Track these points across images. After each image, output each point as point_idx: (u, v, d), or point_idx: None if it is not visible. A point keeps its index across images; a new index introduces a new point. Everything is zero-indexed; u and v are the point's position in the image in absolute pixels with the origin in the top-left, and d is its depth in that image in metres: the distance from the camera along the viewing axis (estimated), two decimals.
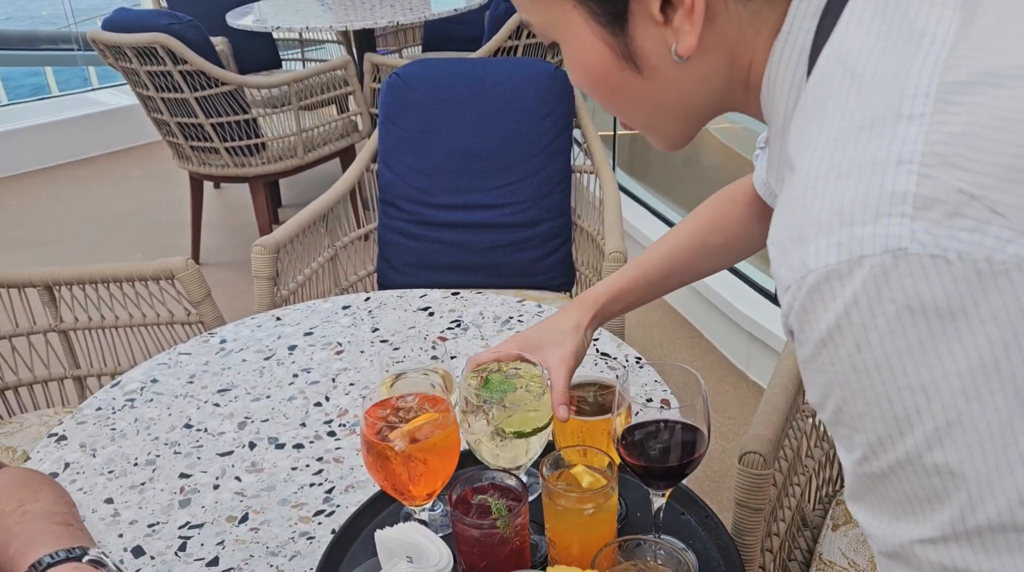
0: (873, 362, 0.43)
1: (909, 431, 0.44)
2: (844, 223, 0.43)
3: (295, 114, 3.16)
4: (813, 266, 0.44)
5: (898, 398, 0.43)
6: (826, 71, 0.50)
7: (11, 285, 1.64)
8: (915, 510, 0.45)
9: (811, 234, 0.45)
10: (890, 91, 0.45)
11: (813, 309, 0.45)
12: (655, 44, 0.56)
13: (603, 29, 0.57)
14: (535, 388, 0.90)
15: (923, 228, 0.41)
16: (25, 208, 4.28)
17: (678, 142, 0.67)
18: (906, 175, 0.43)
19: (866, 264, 0.42)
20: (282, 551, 0.99)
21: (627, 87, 0.60)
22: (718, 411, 2.38)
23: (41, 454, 1.18)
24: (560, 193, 1.97)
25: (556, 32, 0.61)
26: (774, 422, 1.03)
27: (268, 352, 1.40)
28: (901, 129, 0.44)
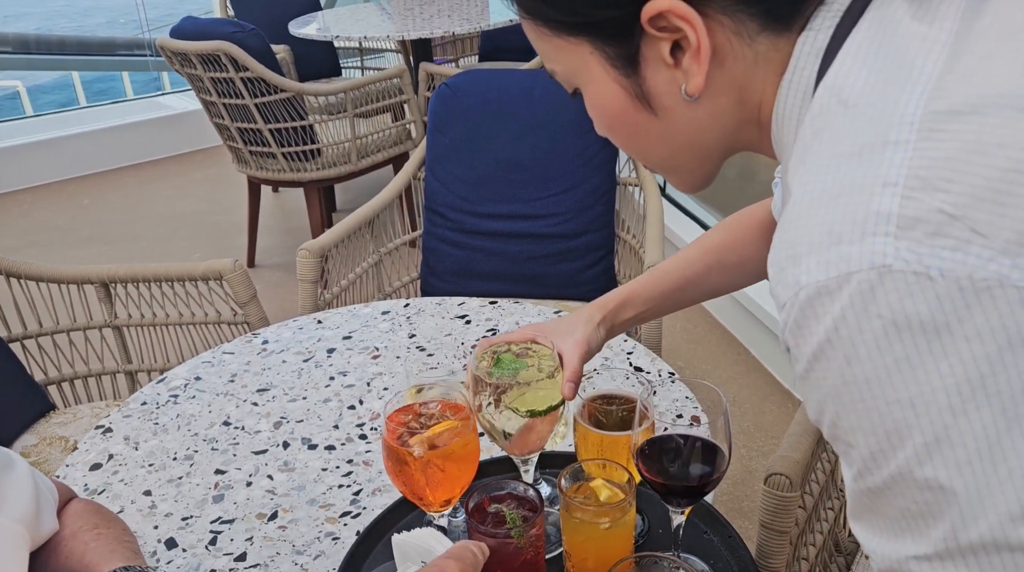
0: (863, 376, 0.45)
1: (900, 446, 0.45)
2: (833, 242, 0.45)
3: (350, 121, 3.22)
4: (804, 283, 0.46)
5: (887, 412, 0.44)
6: (822, 104, 0.52)
7: (70, 281, 1.71)
8: (910, 527, 0.46)
9: (803, 253, 0.47)
10: (879, 120, 0.47)
11: (806, 324, 0.47)
12: (667, 85, 0.59)
13: (618, 72, 0.60)
14: (547, 366, 0.90)
15: (906, 246, 0.43)
16: (96, 207, 4.45)
17: (696, 182, 0.70)
18: (891, 197, 0.44)
19: (853, 280, 0.44)
20: (307, 550, 1.01)
21: (643, 128, 0.63)
22: (761, 430, 2.35)
23: (87, 445, 1.22)
24: (603, 205, 1.97)
25: (577, 78, 0.64)
26: (804, 444, 1.01)
27: (307, 354, 1.43)
28: (887, 154, 0.46)
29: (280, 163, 3.22)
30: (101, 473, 1.16)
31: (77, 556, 0.77)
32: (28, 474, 0.78)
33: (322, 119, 3.27)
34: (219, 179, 4.71)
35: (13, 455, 0.78)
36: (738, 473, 2.19)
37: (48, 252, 3.88)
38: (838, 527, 1.25)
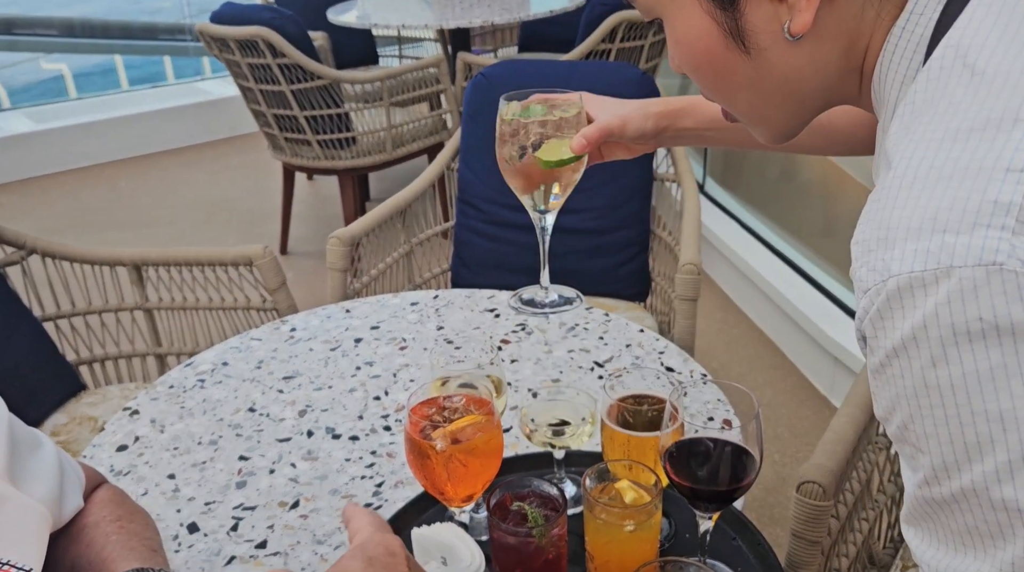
0: (948, 381, 0.41)
1: (979, 460, 0.41)
2: (936, 229, 0.41)
3: (386, 110, 3.22)
4: (896, 271, 0.42)
5: (971, 423, 0.41)
6: (943, 65, 0.46)
7: (103, 263, 1.72)
8: (975, 545, 0.43)
9: (899, 237, 0.42)
10: (1010, 93, 0.42)
11: (890, 316, 0.42)
12: (767, 22, 0.53)
13: (712, 3, 0.55)
14: (573, 116, 0.89)
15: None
16: (133, 190, 4.51)
17: (782, 134, 0.63)
18: (1014, 185, 0.40)
19: (955, 275, 0.40)
20: (328, 540, 1.00)
21: (732, 69, 0.57)
22: (796, 436, 2.30)
23: (115, 426, 1.23)
24: (639, 201, 1.93)
25: (661, 8, 0.58)
26: (839, 452, 0.98)
27: (335, 343, 1.42)
28: (1017, 134, 0.41)
29: (315, 150, 3.22)
30: (127, 455, 1.16)
31: (97, 547, 0.77)
32: (55, 455, 0.77)
33: (358, 107, 3.27)
34: (255, 166, 4.74)
35: (41, 436, 0.78)
36: (771, 479, 2.14)
37: (84, 234, 3.94)
38: (872, 539, 1.21)
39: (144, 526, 0.83)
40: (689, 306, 1.60)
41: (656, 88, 1.95)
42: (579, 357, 1.34)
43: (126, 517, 0.82)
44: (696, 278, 1.59)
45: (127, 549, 0.76)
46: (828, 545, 1.02)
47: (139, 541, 0.79)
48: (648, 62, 3.35)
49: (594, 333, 1.41)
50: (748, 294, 2.91)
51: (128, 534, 0.79)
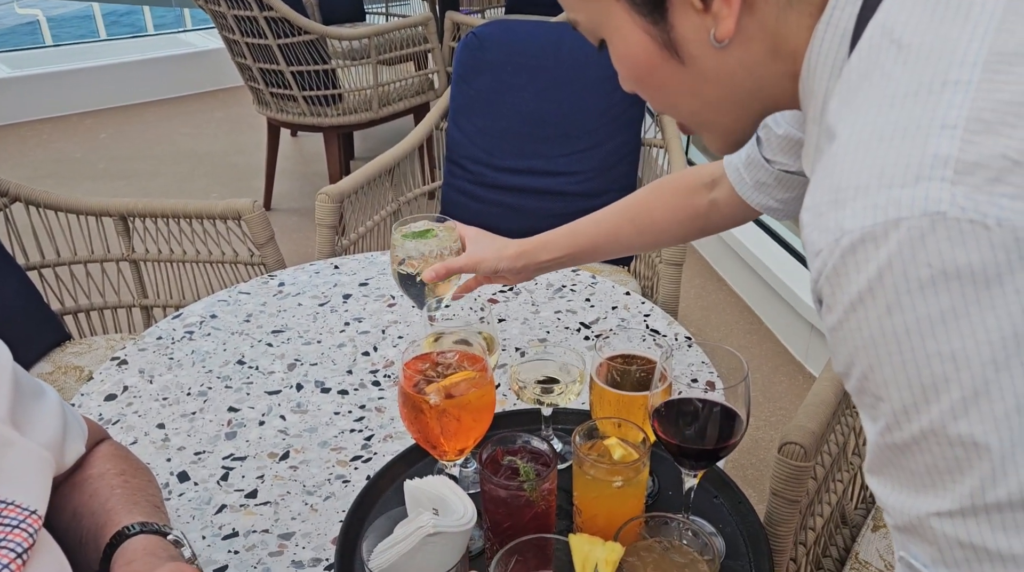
0: (903, 327, 0.43)
1: (935, 400, 0.43)
2: (883, 185, 0.43)
3: (373, 68, 3.18)
4: (849, 228, 0.44)
5: (926, 365, 0.43)
6: (871, 44, 0.50)
7: (89, 212, 1.70)
8: (935, 483, 0.45)
9: (848, 197, 0.44)
10: (937, 59, 0.45)
11: (845, 272, 0.44)
12: (695, 32, 0.57)
13: (644, 19, 0.58)
14: (448, 243, 1.15)
15: (963, 193, 0.41)
16: (114, 141, 4.44)
17: (730, 141, 0.67)
18: (949, 139, 0.42)
19: (903, 226, 0.42)
20: (318, 491, 1.01)
21: (672, 79, 0.61)
22: (771, 400, 2.34)
23: (103, 376, 1.23)
24: (627, 165, 1.94)
25: (601, 29, 0.62)
26: (819, 414, 1.01)
27: (323, 298, 1.42)
28: (947, 95, 0.43)
29: (301, 107, 3.19)
30: (116, 404, 1.17)
31: (101, 499, 0.78)
32: (57, 403, 0.78)
33: (345, 64, 3.22)
34: (239, 120, 4.68)
35: (44, 385, 0.79)
36: (745, 442, 2.19)
37: (64, 183, 3.88)
38: (846, 499, 1.25)
39: (147, 482, 0.84)
40: (674, 270, 1.62)
41: None
42: (566, 318, 1.36)
43: (130, 472, 0.83)
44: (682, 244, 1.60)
45: (131, 503, 0.77)
46: (805, 504, 1.05)
47: (143, 496, 0.80)
48: None
49: (581, 295, 1.42)
50: (727, 260, 2.94)
51: (132, 489, 0.80)
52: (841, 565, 1.18)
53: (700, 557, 0.79)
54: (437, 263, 1.10)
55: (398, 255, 1.14)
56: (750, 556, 0.90)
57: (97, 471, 0.81)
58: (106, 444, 0.86)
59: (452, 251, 1.14)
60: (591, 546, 0.76)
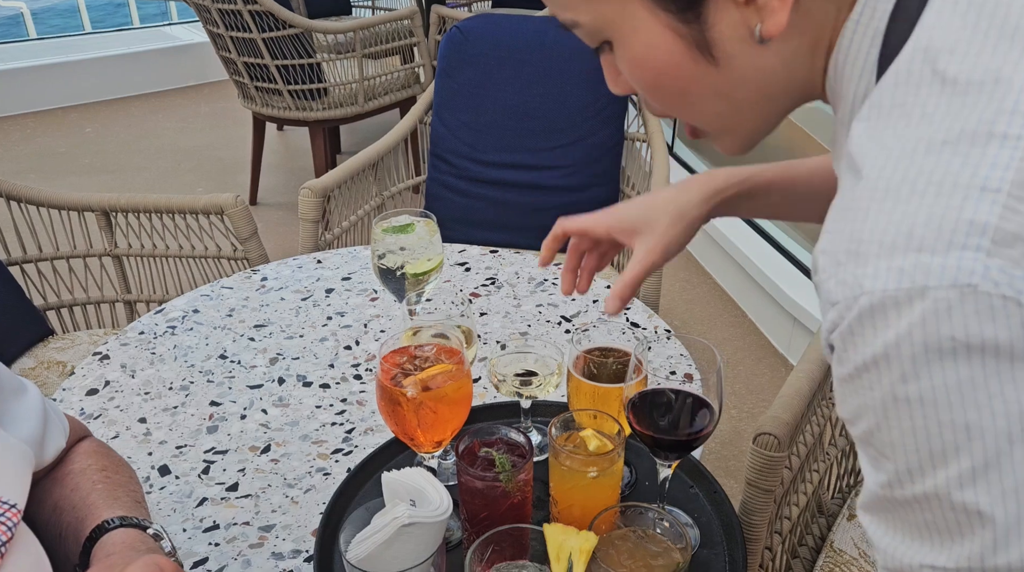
0: (917, 395, 0.41)
1: (943, 466, 0.42)
2: (911, 248, 0.40)
3: (358, 61, 3.18)
4: (869, 288, 0.41)
5: (937, 433, 0.41)
6: (911, 69, 0.45)
7: (71, 207, 1.70)
8: (933, 538, 0.44)
9: (871, 253, 0.41)
10: (986, 104, 0.41)
11: (861, 332, 0.42)
12: (734, 28, 0.51)
13: (673, 17, 0.51)
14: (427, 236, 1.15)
15: (999, 266, 0.38)
16: (99, 135, 4.41)
17: (749, 143, 0.61)
18: (990, 205, 0.39)
19: (929, 297, 0.39)
20: (298, 483, 1.02)
21: (699, 82, 0.54)
22: (753, 392, 2.36)
23: (84, 371, 1.23)
24: (610, 159, 1.95)
25: (612, 29, 0.54)
26: (794, 406, 1.02)
27: (306, 293, 1.43)
28: (992, 150, 0.40)
29: (286, 101, 3.18)
30: (97, 399, 1.17)
31: (82, 493, 0.79)
32: (39, 400, 0.79)
33: (330, 58, 3.22)
34: (224, 114, 4.66)
35: (26, 382, 0.80)
36: (727, 433, 2.21)
37: (49, 178, 3.86)
38: (822, 489, 1.27)
39: (128, 479, 0.84)
40: None
41: None
42: (547, 311, 1.37)
43: (111, 468, 0.83)
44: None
45: (112, 498, 0.78)
46: (780, 494, 1.07)
47: (124, 492, 0.81)
48: None
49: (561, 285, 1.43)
50: (711, 254, 2.96)
51: (113, 484, 0.81)
52: (817, 554, 1.20)
53: (674, 546, 0.80)
54: (617, 284, 0.85)
55: (378, 249, 1.15)
56: (724, 545, 0.91)
57: (79, 466, 0.82)
58: (88, 441, 0.87)
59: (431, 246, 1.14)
60: (565, 535, 0.77)
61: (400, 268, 1.14)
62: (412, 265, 1.14)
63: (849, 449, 1.32)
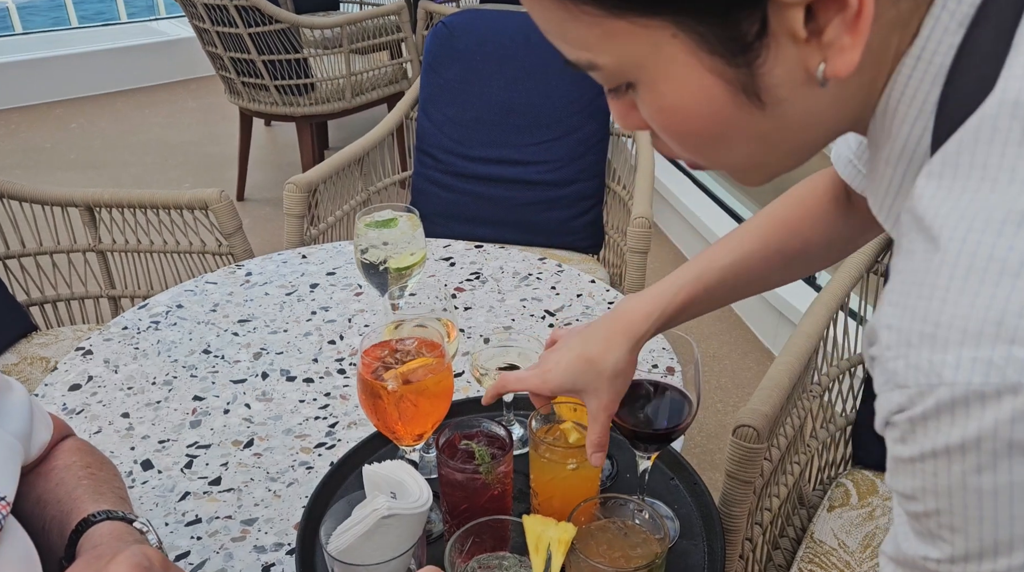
0: (991, 487, 0.38)
1: (1006, 555, 0.39)
2: (1001, 338, 0.36)
3: (346, 57, 3.17)
4: (951, 380, 0.37)
5: (1007, 524, 0.39)
6: (996, 126, 0.40)
7: (54, 203, 1.69)
8: None
9: (953, 339, 0.37)
10: None
11: (937, 421, 0.39)
12: (791, 70, 0.44)
13: (718, 59, 0.44)
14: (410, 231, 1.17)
15: None
16: (85, 131, 4.39)
17: (771, 177, 0.54)
18: None
19: (1022, 394, 0.36)
20: (281, 477, 1.03)
21: (739, 128, 0.47)
22: (739, 386, 2.38)
23: (67, 366, 1.23)
24: (596, 154, 1.95)
25: (639, 73, 0.46)
26: (773, 398, 1.03)
27: (290, 288, 1.43)
28: None
29: (273, 96, 3.17)
30: (80, 394, 1.17)
31: (67, 487, 0.79)
32: (25, 397, 0.80)
33: (317, 53, 3.21)
34: (211, 110, 4.64)
35: (12, 381, 0.80)
36: (712, 427, 2.22)
37: (33, 174, 3.84)
38: (803, 481, 1.28)
39: (113, 476, 0.85)
40: (640, 258, 1.64)
41: None
42: (531, 306, 1.37)
43: (96, 465, 0.84)
44: (647, 231, 1.63)
45: (97, 493, 0.79)
46: (760, 486, 1.08)
47: (108, 488, 0.81)
48: None
49: (547, 283, 1.44)
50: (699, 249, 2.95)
51: (98, 480, 0.81)
52: (797, 544, 1.21)
53: (652, 537, 0.81)
54: (590, 445, 0.81)
55: (361, 244, 1.15)
56: (704, 536, 0.92)
57: (63, 462, 0.83)
58: (72, 439, 0.88)
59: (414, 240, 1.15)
60: (544, 527, 0.78)
61: (383, 263, 1.14)
62: (395, 260, 1.14)
63: (831, 441, 1.33)
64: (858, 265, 1.30)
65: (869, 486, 1.27)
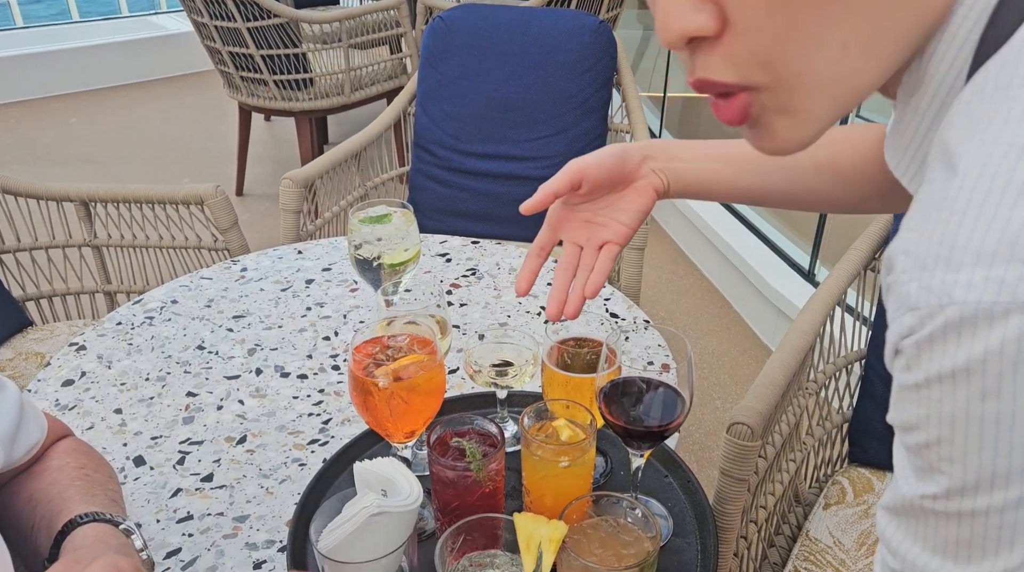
0: (994, 414, 0.38)
1: (1004, 487, 0.39)
2: (1015, 258, 0.36)
3: (345, 51, 3.16)
4: (960, 299, 0.37)
5: (1007, 454, 0.39)
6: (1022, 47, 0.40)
7: (50, 198, 1.69)
8: (960, 553, 0.42)
9: (966, 260, 0.38)
10: None
11: (943, 342, 0.39)
12: None
13: None
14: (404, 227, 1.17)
15: None
16: (84, 126, 4.38)
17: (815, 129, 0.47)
18: None
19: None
20: (274, 474, 1.02)
21: None
22: (737, 383, 2.37)
23: (60, 361, 1.23)
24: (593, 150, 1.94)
25: None
26: (768, 396, 1.03)
27: (286, 283, 1.43)
28: None
29: (272, 91, 3.16)
30: (72, 390, 1.17)
31: (60, 487, 0.79)
32: (16, 397, 0.79)
33: (316, 48, 3.20)
34: (211, 105, 4.63)
35: (4, 380, 0.79)
36: (710, 423, 2.22)
37: (32, 169, 3.83)
38: (799, 479, 1.27)
39: (108, 478, 0.84)
40: (636, 255, 1.64)
41: (613, 39, 1.95)
42: (527, 302, 1.37)
43: (91, 467, 0.84)
44: (644, 227, 1.62)
45: (89, 495, 0.78)
46: (755, 483, 1.07)
47: (101, 490, 0.81)
48: (609, 11, 3.34)
49: (543, 279, 1.43)
50: (698, 246, 2.96)
51: (91, 482, 0.81)
52: (792, 542, 1.21)
53: (644, 535, 0.80)
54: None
55: (355, 239, 1.14)
56: (697, 534, 0.92)
57: (58, 463, 0.82)
58: (69, 440, 0.88)
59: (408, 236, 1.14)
60: (535, 525, 0.77)
61: (377, 258, 1.13)
62: (389, 255, 1.14)
63: (827, 439, 1.33)
64: (855, 262, 1.30)
65: (865, 484, 1.27)
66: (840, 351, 1.34)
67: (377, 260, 1.13)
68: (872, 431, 1.28)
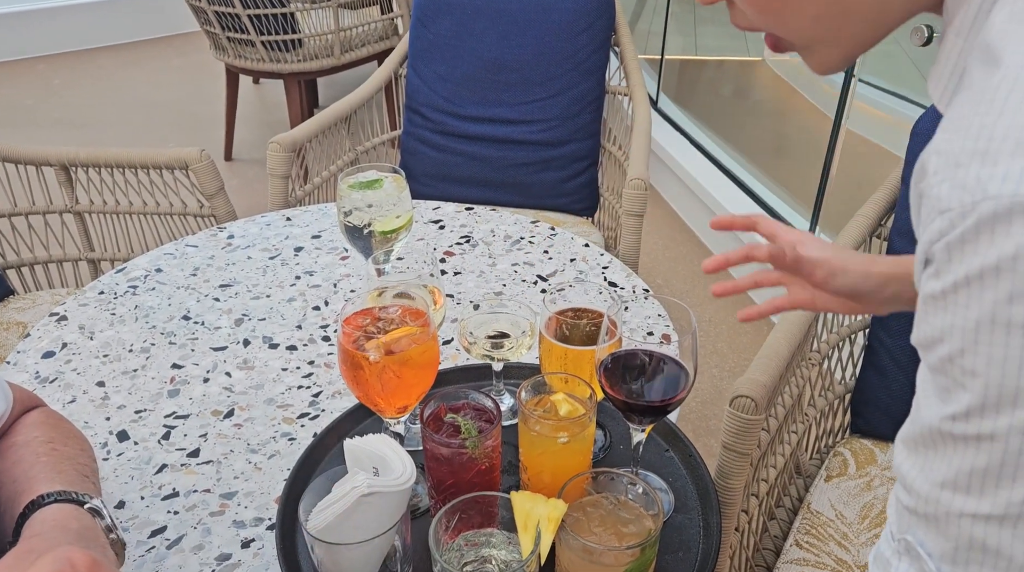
0: (1020, 320, 0.36)
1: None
2: None
3: (334, 11, 3.07)
4: (995, 193, 0.35)
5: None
6: None
7: (27, 162, 1.63)
8: (978, 486, 0.40)
9: (1005, 151, 0.35)
10: None
11: (975, 241, 0.36)
12: None
13: None
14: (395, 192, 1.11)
15: None
16: (67, 88, 4.28)
17: (847, 59, 0.53)
18: None
19: None
20: (262, 449, 0.99)
21: None
22: (735, 351, 2.35)
23: (40, 332, 1.19)
24: (591, 113, 1.89)
25: None
26: (771, 367, 1.00)
27: (274, 251, 1.38)
28: None
29: (259, 52, 3.08)
30: (53, 361, 1.13)
31: (24, 466, 0.74)
32: None
33: (304, 7, 3.11)
34: (199, 67, 4.53)
35: None
36: (708, 392, 2.20)
37: (13, 132, 3.75)
38: (800, 450, 1.25)
39: (79, 451, 0.80)
40: (635, 221, 1.60)
41: (614, 5, 1.89)
42: (523, 270, 1.33)
43: (59, 440, 0.79)
44: (643, 193, 1.58)
45: (56, 471, 0.74)
46: (757, 457, 1.05)
47: (70, 464, 0.76)
48: None
49: (539, 247, 1.39)
50: (696, 211, 2.92)
51: (59, 457, 0.76)
52: (794, 515, 1.19)
53: (646, 513, 0.78)
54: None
55: (344, 206, 1.10)
56: (699, 509, 0.89)
57: (23, 438, 0.78)
58: (37, 412, 0.83)
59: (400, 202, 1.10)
60: (533, 503, 0.74)
61: (367, 226, 1.09)
62: (380, 222, 1.09)
63: (829, 409, 1.30)
64: (861, 228, 1.26)
65: (868, 456, 1.25)
66: (843, 321, 1.31)
67: (368, 227, 1.09)
68: (875, 401, 1.26)
